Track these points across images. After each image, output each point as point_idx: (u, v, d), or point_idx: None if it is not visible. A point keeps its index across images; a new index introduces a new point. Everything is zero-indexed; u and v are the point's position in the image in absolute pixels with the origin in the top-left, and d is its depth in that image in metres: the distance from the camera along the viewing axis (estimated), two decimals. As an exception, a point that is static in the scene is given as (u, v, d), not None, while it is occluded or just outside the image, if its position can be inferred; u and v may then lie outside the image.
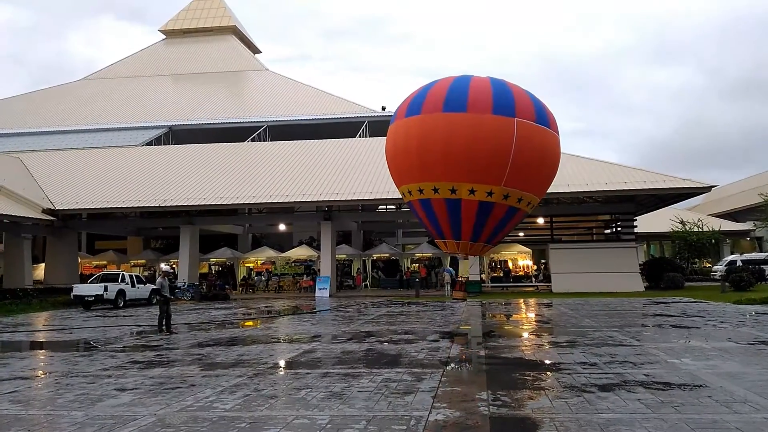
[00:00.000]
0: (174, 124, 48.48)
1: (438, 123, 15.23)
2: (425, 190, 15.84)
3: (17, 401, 8.19)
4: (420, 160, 15.83)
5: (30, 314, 25.11)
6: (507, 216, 15.41)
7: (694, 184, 30.58)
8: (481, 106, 14.82)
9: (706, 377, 8.70)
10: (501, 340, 13.70)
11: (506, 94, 15.15)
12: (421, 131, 15.70)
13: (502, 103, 14.81)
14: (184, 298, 33.01)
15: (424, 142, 15.61)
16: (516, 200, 15.18)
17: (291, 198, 32.53)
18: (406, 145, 16.27)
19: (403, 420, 6.72)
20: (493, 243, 16.72)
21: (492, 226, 15.47)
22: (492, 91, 15.10)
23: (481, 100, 14.90)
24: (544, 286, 34.39)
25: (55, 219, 33.91)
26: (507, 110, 14.75)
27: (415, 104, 16.06)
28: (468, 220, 15.32)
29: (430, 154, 15.44)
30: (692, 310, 20.07)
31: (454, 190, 15.10)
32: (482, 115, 14.74)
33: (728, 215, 55.88)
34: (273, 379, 9.44)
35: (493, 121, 14.70)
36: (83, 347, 14.28)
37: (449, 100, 15.23)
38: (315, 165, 36.38)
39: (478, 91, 15.14)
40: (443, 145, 15.10)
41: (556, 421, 6.55)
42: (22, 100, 57.49)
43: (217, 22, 64.71)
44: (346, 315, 21.36)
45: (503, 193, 14.82)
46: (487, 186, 14.76)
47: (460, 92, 15.28)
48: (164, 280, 17.73)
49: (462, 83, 15.66)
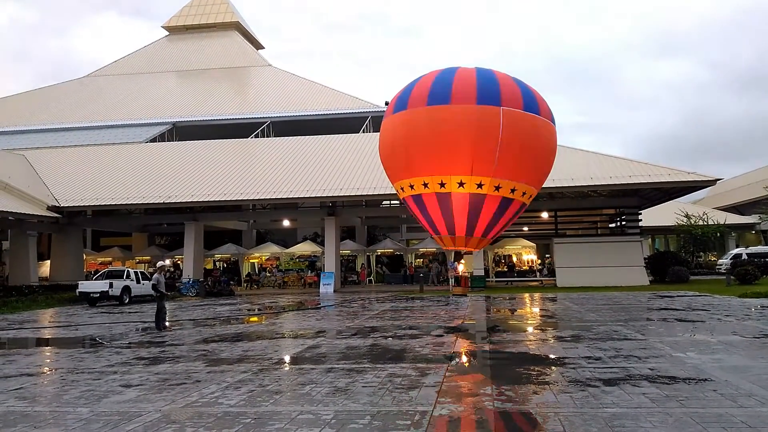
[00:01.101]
0: (178, 120, 48.53)
1: (422, 117, 14.96)
2: (416, 185, 15.62)
3: (23, 398, 8.23)
4: (408, 155, 15.61)
5: (36, 311, 25.22)
6: (501, 208, 15.06)
7: (699, 178, 30.45)
8: (465, 97, 14.51)
9: (711, 371, 8.68)
10: (505, 335, 13.67)
11: (492, 83, 14.79)
12: (407, 127, 15.44)
13: (487, 93, 14.47)
14: (189, 294, 33.12)
15: (410, 138, 15.34)
16: (509, 191, 14.81)
17: (295, 194, 32.54)
18: (395, 142, 16.10)
19: (408, 415, 6.72)
20: (491, 237, 16.37)
21: (486, 220, 15.15)
22: (477, 81, 14.75)
23: (465, 91, 14.59)
24: (548, 281, 34.35)
25: (60, 216, 34.02)
26: (492, 99, 14.42)
27: (402, 100, 15.86)
28: (460, 214, 15.01)
29: (417, 149, 15.17)
30: (697, 303, 20.02)
31: (443, 184, 14.80)
32: (466, 106, 14.43)
33: (733, 208, 55.68)
34: (277, 375, 9.45)
35: (477, 111, 14.36)
36: (89, 344, 14.33)
37: (433, 93, 14.96)
38: (319, 160, 36.38)
39: (462, 83, 14.80)
40: (428, 138, 14.82)
41: (560, 415, 6.55)
42: (27, 97, 57.62)
43: (220, 18, 64.69)
44: (350, 310, 21.37)
45: (494, 184, 14.50)
46: (477, 178, 14.45)
47: (444, 85, 14.97)
48: (161, 276, 17.60)
49: (447, 75, 15.33)
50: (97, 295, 26.96)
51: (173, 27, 65.42)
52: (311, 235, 48.33)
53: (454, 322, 16.52)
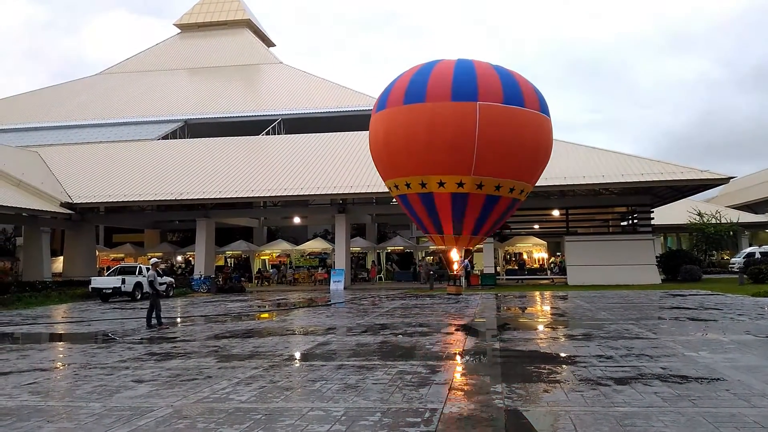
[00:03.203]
0: (189, 117, 48.73)
1: (399, 116, 14.63)
2: (400, 185, 15.26)
3: (37, 392, 8.31)
4: (389, 156, 15.27)
5: (49, 306, 25.45)
6: (487, 206, 14.57)
7: (712, 176, 30.22)
8: (439, 94, 14.07)
9: (723, 370, 8.61)
10: (516, 333, 13.64)
11: (469, 77, 14.25)
12: (386, 126, 15.12)
13: (463, 88, 13.99)
14: (201, 290, 33.31)
15: (389, 138, 15.01)
16: (493, 188, 14.27)
17: (306, 191, 32.61)
18: (377, 142, 15.75)
19: (418, 412, 6.72)
20: (482, 234, 15.85)
21: (473, 218, 14.70)
22: (453, 76, 14.26)
23: (439, 88, 14.14)
24: (559, 279, 34.22)
25: (73, 212, 34.33)
26: (467, 95, 13.93)
27: (383, 98, 15.47)
28: (444, 213, 14.64)
29: (396, 149, 14.84)
30: (710, 302, 19.87)
31: (423, 184, 14.43)
32: (441, 103, 13.99)
33: (746, 207, 55.18)
34: (288, 371, 9.49)
35: (452, 108, 13.91)
36: (101, 339, 14.44)
37: (409, 91, 14.59)
38: (329, 158, 36.42)
39: (438, 79, 14.35)
40: (405, 138, 14.47)
41: (571, 414, 6.52)
42: (40, 94, 58.03)
43: (231, 15, 64.81)
44: (360, 307, 21.40)
45: (475, 182, 14.01)
46: (456, 176, 14.00)
47: (421, 82, 14.56)
48: (154, 273, 17.38)
49: (424, 72, 14.89)
50: (109, 291, 27.17)
51: (185, 25, 65.63)
52: (322, 232, 48.42)
53: (465, 320, 16.50)
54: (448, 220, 14.84)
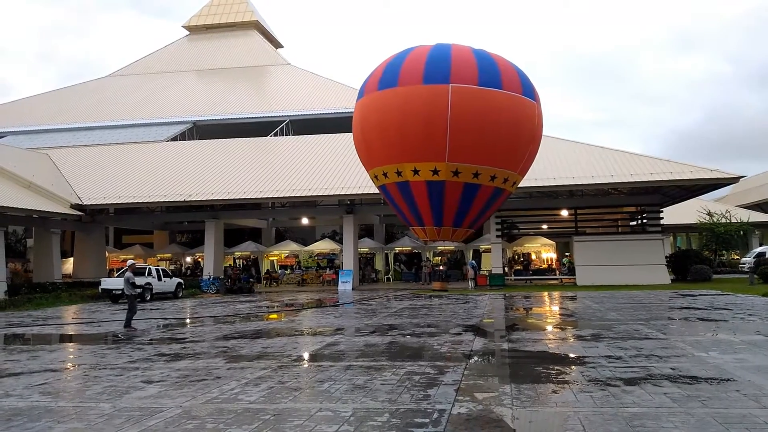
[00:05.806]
0: (198, 119, 48.92)
1: (373, 103, 14.23)
2: (379, 175, 14.82)
3: (47, 393, 8.37)
4: (366, 145, 14.86)
5: (59, 307, 25.62)
6: (467, 195, 13.88)
7: (722, 175, 30.02)
8: (411, 78, 13.58)
9: (734, 371, 8.56)
10: (524, 333, 13.60)
11: (442, 59, 13.68)
12: (362, 114, 14.71)
13: (435, 71, 13.42)
14: (210, 291, 33.44)
15: (364, 125, 14.63)
16: (471, 176, 13.53)
17: (314, 192, 32.67)
18: (356, 131, 15.37)
19: (426, 413, 6.72)
20: (466, 227, 15.11)
21: (453, 208, 14.07)
22: (426, 59, 13.74)
23: (412, 71, 13.67)
24: (568, 279, 34.11)
25: (83, 214, 34.54)
26: (439, 77, 13.31)
27: (362, 86, 15.16)
28: (422, 202, 14.12)
29: (372, 137, 14.48)
30: (720, 302, 19.75)
31: (399, 173, 13.94)
32: (412, 87, 13.48)
33: (757, 206, 54.78)
34: (297, 372, 9.51)
35: (423, 92, 13.35)
36: (111, 340, 14.52)
37: (384, 77, 14.20)
38: (337, 159, 36.45)
39: (411, 63, 13.90)
40: (379, 125, 14.07)
41: (580, 414, 6.50)
42: (50, 96, 58.42)
43: (239, 17, 65.01)
44: (368, 308, 21.41)
45: (450, 169, 13.35)
46: (430, 163, 13.39)
47: (395, 67, 14.15)
48: (131, 273, 17.22)
49: (399, 57, 14.50)
50: (119, 292, 27.27)
51: (194, 27, 65.89)
52: (330, 233, 48.49)
53: (473, 321, 16.47)
54: (427, 211, 14.25)
